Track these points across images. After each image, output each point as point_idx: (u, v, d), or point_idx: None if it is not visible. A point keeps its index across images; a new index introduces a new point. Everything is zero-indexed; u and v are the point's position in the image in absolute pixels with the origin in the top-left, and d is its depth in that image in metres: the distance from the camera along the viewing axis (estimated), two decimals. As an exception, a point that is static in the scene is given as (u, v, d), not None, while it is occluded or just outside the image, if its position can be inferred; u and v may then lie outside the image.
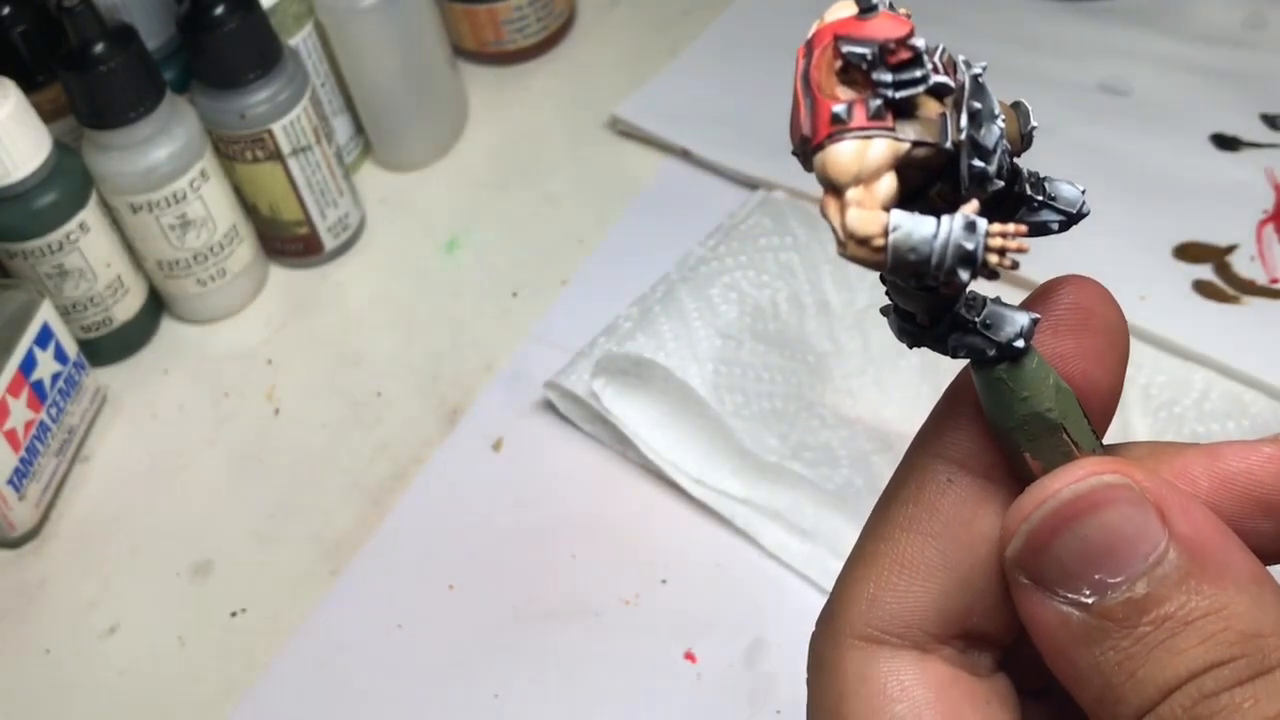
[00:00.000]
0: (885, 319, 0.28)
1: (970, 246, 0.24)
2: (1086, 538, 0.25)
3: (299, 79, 0.69)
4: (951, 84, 0.25)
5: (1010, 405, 0.26)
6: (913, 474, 0.28)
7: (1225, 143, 0.71)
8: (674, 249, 0.68)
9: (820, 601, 0.58)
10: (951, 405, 0.28)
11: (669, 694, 0.56)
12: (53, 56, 0.64)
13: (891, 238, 0.24)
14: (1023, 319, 0.26)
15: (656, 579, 0.60)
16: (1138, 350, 0.62)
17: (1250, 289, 0.64)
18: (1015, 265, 0.24)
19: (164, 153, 0.66)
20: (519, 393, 0.66)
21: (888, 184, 0.24)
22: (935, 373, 0.62)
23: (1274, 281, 0.65)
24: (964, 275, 0.24)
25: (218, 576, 0.63)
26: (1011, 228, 0.24)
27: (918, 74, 0.24)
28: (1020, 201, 0.26)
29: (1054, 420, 0.26)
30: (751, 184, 0.72)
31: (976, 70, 0.25)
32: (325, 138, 0.71)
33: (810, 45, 0.25)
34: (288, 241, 0.73)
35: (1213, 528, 0.25)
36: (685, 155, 0.75)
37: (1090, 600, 0.25)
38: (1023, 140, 0.26)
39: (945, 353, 0.26)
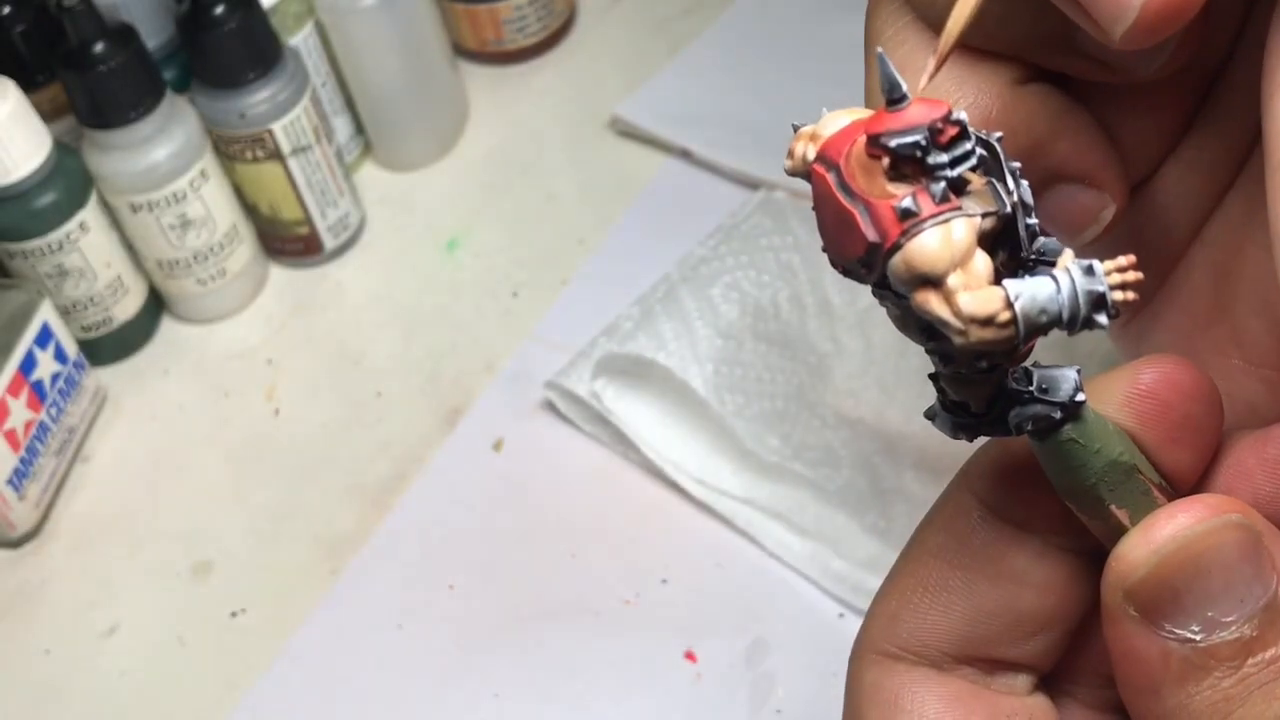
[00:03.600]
0: (931, 420, 0.27)
1: (1100, 289, 0.24)
2: (1209, 574, 0.25)
3: (299, 79, 0.69)
4: (986, 152, 0.24)
5: (1086, 462, 0.26)
6: (949, 504, 0.29)
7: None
8: (674, 249, 0.68)
9: (821, 601, 0.58)
10: (993, 446, 0.29)
11: (669, 694, 0.56)
12: (53, 56, 0.64)
13: (1018, 306, 0.23)
14: (1071, 373, 0.26)
15: (656, 579, 0.60)
16: (1138, 350, 0.62)
17: (1251, 289, 0.64)
18: (1139, 299, 0.24)
19: (164, 152, 0.66)
20: (519, 393, 0.66)
21: (984, 260, 0.23)
22: (936, 373, 0.62)
23: (1275, 281, 0.65)
24: (1102, 320, 0.24)
25: (218, 576, 0.63)
26: (1123, 260, 0.24)
27: (969, 147, 0.24)
28: (1030, 258, 0.26)
29: (1129, 462, 0.26)
30: (752, 184, 0.72)
31: (998, 134, 0.25)
32: (325, 137, 0.71)
33: (826, 160, 0.24)
34: (288, 241, 0.73)
35: None
36: (685, 155, 0.75)
37: (1199, 637, 0.25)
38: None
39: (1008, 433, 0.26)
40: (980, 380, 0.26)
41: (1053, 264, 0.25)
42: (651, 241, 0.70)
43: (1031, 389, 0.26)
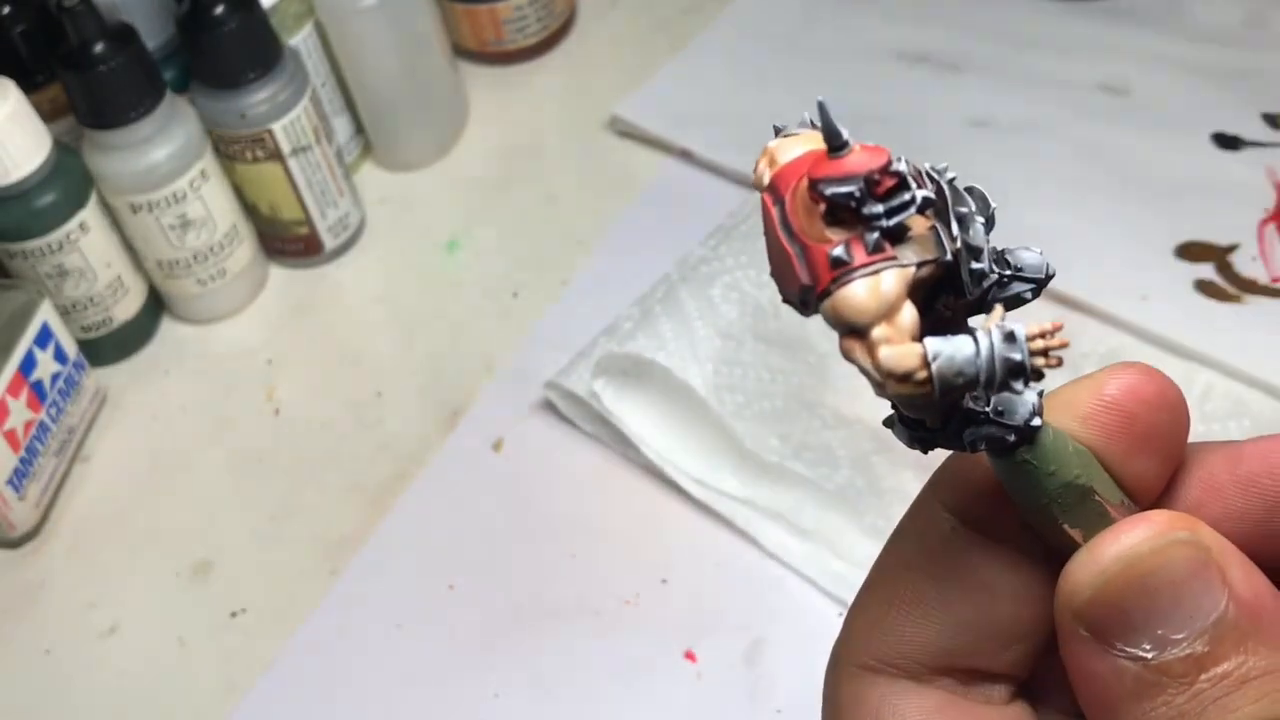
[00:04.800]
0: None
1: (1018, 357, 0.24)
2: (1156, 592, 0.25)
3: (299, 79, 0.69)
4: (932, 195, 0.24)
5: (1040, 483, 0.26)
6: (920, 515, 0.29)
7: (1226, 142, 0.71)
8: (674, 249, 0.68)
9: (821, 602, 0.58)
10: (961, 457, 0.28)
11: (669, 694, 0.56)
12: (53, 56, 0.64)
13: (935, 367, 0.23)
14: (1031, 397, 0.26)
15: (656, 579, 0.60)
16: (1139, 350, 0.62)
17: (1252, 288, 0.64)
18: (1060, 362, 0.24)
19: (164, 153, 0.66)
20: (519, 393, 0.66)
21: (910, 314, 0.23)
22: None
23: (1275, 280, 0.65)
24: (1018, 386, 0.24)
25: (218, 576, 0.63)
26: (1049, 324, 0.24)
27: (906, 197, 0.24)
28: (979, 298, 0.26)
29: (1084, 485, 0.26)
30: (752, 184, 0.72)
31: (951, 175, 0.25)
32: (325, 138, 0.71)
33: (776, 191, 0.24)
34: (288, 241, 0.73)
35: (1268, 590, 0.26)
36: (685, 155, 0.75)
37: (1150, 655, 0.25)
38: (989, 223, 0.26)
39: (962, 449, 0.26)
40: (930, 405, 0.25)
41: (1025, 278, 0.25)
42: (651, 241, 0.70)
43: (988, 410, 0.25)
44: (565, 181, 0.77)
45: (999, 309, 0.24)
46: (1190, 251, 0.66)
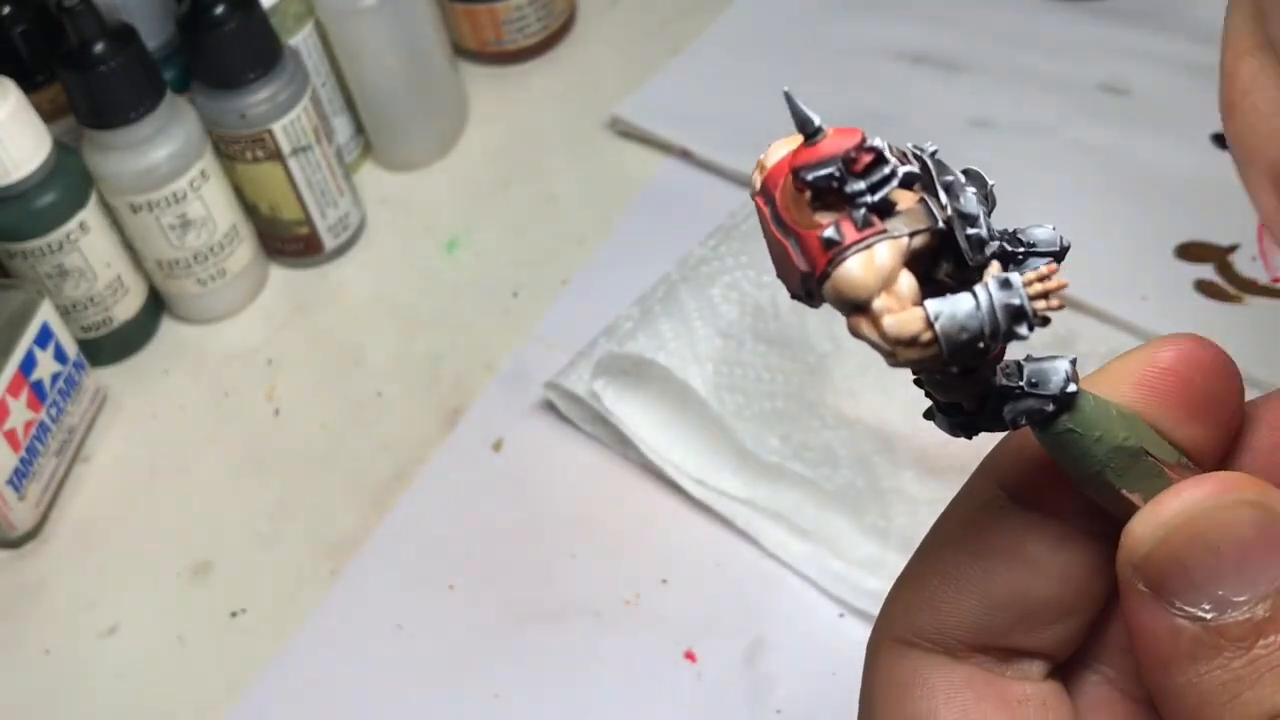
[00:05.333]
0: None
1: (1016, 301, 0.24)
2: (1219, 551, 0.25)
3: (299, 79, 0.69)
4: (916, 170, 0.24)
5: (1088, 451, 0.26)
6: (969, 493, 0.29)
7: (1226, 142, 0.71)
8: (674, 249, 0.68)
9: (821, 601, 0.58)
10: (1016, 433, 0.28)
11: (669, 694, 0.56)
12: (53, 56, 0.64)
13: (938, 326, 0.24)
14: (1062, 364, 0.26)
15: (656, 579, 0.60)
16: (1138, 350, 0.62)
17: (1252, 288, 0.64)
18: (1061, 305, 0.24)
19: (164, 153, 0.66)
20: (519, 393, 0.66)
21: (908, 281, 0.24)
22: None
23: (1276, 281, 0.65)
24: (1023, 331, 0.24)
25: (218, 576, 0.63)
26: (1044, 268, 0.24)
27: (886, 171, 0.24)
28: (1005, 259, 0.26)
29: (1134, 446, 0.26)
30: (752, 184, 0.72)
31: (931, 148, 0.25)
32: (325, 137, 0.71)
33: (766, 191, 0.25)
34: (288, 241, 0.73)
35: None
36: (685, 155, 0.75)
37: (1209, 616, 0.25)
38: (987, 200, 0.26)
39: (1005, 428, 0.26)
40: (961, 383, 0.26)
41: (1039, 253, 0.25)
42: (651, 241, 0.70)
43: (1022, 384, 0.26)
44: (565, 181, 0.77)
45: (995, 264, 0.24)
46: (1190, 251, 0.66)
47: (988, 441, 0.28)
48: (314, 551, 0.63)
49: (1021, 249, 0.26)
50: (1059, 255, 0.26)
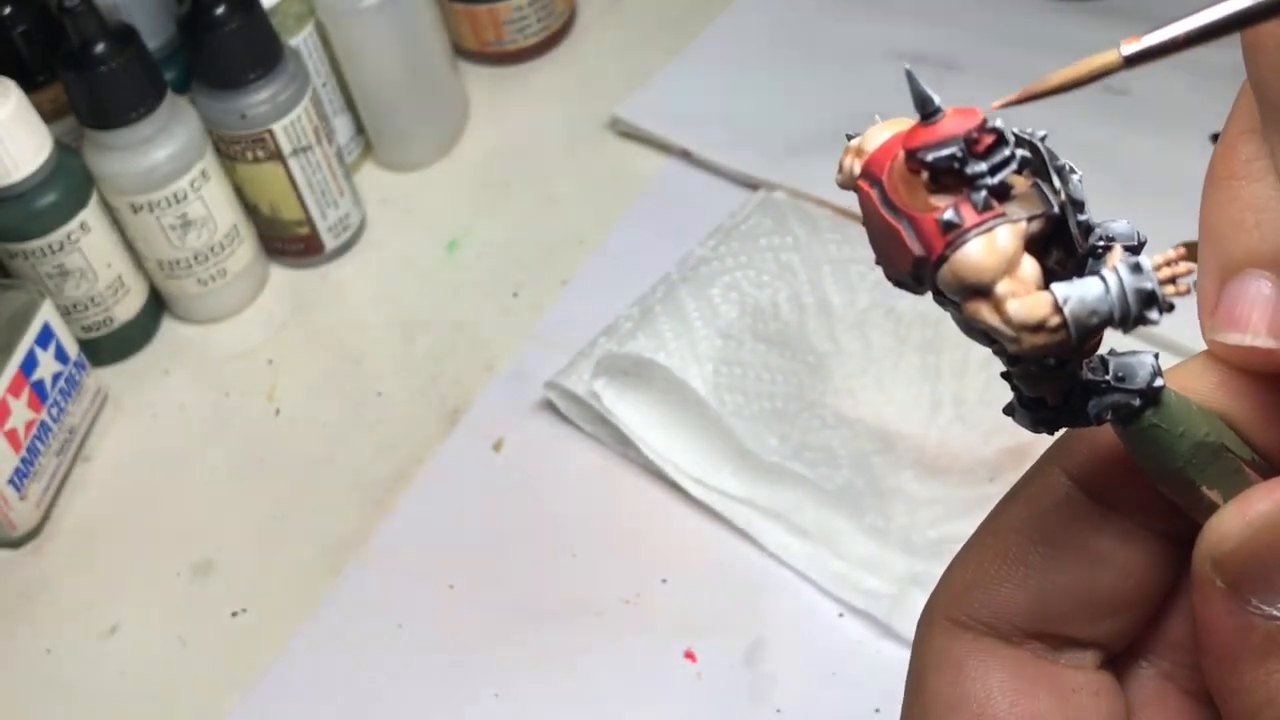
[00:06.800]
0: (1011, 415, 0.27)
1: (1149, 286, 0.24)
2: None
3: (299, 79, 0.69)
4: (1029, 154, 0.24)
5: (1172, 446, 0.26)
6: (1035, 480, 0.29)
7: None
8: (674, 249, 0.68)
9: (821, 601, 0.58)
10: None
11: (669, 694, 0.56)
12: (53, 56, 0.65)
13: (1068, 310, 0.23)
14: (1148, 359, 0.26)
15: (656, 579, 0.60)
16: (1138, 350, 0.62)
17: (1250, 289, 0.64)
18: (1188, 290, 0.24)
19: (164, 153, 0.66)
20: (519, 393, 0.66)
21: (1032, 266, 0.23)
22: (936, 374, 0.62)
23: (1274, 281, 0.65)
24: (1154, 316, 0.24)
25: (218, 576, 0.63)
26: (1171, 252, 0.24)
27: (1007, 153, 0.24)
28: (1087, 253, 0.26)
29: (1215, 442, 0.26)
30: (752, 184, 0.72)
31: (1042, 134, 0.25)
32: (326, 138, 0.71)
33: (870, 175, 0.24)
34: (288, 241, 0.73)
35: None
36: (685, 155, 0.75)
37: None
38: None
39: (1089, 423, 0.26)
40: (1052, 376, 0.25)
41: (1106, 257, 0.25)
42: (651, 241, 0.70)
43: (1108, 378, 0.25)
44: (565, 181, 0.77)
45: (1117, 248, 0.24)
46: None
47: (989, 441, 0.28)
48: (314, 551, 0.63)
49: (1102, 243, 0.26)
50: (1136, 249, 0.26)
